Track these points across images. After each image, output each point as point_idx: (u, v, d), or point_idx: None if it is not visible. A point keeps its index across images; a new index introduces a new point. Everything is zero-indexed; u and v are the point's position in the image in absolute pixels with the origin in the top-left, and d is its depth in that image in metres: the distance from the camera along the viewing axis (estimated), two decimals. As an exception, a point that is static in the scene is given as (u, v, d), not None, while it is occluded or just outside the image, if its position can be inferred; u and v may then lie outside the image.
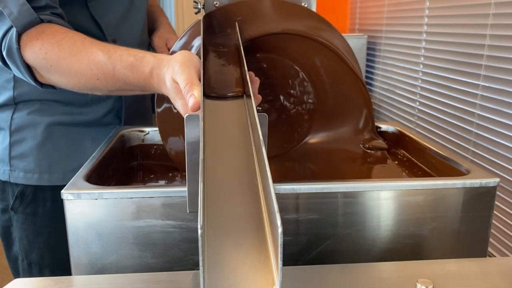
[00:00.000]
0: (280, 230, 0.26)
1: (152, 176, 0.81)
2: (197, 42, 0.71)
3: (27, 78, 0.69)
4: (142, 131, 0.84)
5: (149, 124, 0.96)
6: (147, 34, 0.98)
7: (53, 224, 0.83)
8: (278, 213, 0.27)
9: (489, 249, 0.64)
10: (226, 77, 0.56)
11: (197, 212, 0.50)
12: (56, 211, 0.82)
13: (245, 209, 0.36)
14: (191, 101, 0.50)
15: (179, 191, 0.54)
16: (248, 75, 0.53)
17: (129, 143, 0.83)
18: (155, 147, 0.85)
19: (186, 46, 0.71)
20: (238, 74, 0.57)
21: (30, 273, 0.85)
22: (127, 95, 0.81)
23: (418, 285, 0.45)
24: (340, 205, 0.58)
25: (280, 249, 0.26)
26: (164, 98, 0.73)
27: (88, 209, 0.54)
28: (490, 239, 0.64)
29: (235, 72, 0.58)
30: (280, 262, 0.26)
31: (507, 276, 0.49)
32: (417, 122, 1.61)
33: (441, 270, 0.50)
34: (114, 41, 0.82)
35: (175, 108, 0.73)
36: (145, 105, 1.01)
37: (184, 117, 0.48)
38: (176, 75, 0.55)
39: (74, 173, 0.60)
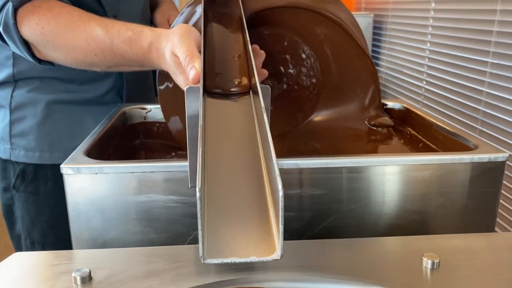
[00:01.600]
0: (281, 193, 0.25)
1: (154, 155, 0.80)
2: (198, 15, 0.70)
3: (24, 54, 0.68)
4: (144, 109, 0.83)
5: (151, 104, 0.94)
6: (149, 11, 0.96)
7: (55, 203, 0.82)
8: (279, 177, 0.26)
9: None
10: (229, 58, 0.54)
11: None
12: (57, 190, 0.82)
13: (246, 179, 0.35)
14: (192, 73, 0.49)
15: (181, 165, 0.53)
16: (252, 53, 0.51)
17: (130, 120, 0.82)
18: (157, 125, 0.83)
19: (188, 20, 0.70)
20: (242, 53, 0.55)
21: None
22: (127, 71, 0.80)
23: (424, 259, 0.44)
24: (345, 180, 0.57)
25: (281, 213, 0.25)
26: (166, 76, 0.72)
27: (89, 184, 0.53)
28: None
29: (239, 50, 0.56)
30: (281, 227, 0.25)
31: (515, 251, 0.48)
32: (424, 101, 1.58)
33: (447, 244, 0.49)
34: (115, 17, 0.81)
35: (177, 87, 0.71)
36: (147, 84, 0.99)
37: (184, 89, 0.47)
38: (175, 47, 0.53)
39: None
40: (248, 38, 0.54)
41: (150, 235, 0.55)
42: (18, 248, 0.89)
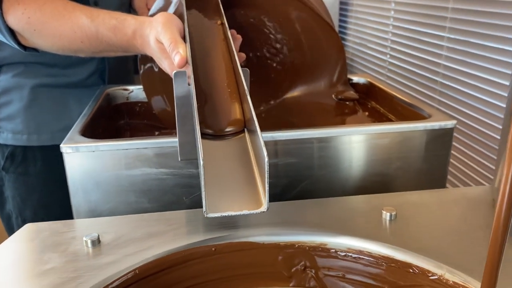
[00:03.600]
0: (266, 159, 0.31)
1: (140, 134, 0.85)
2: (176, 0, 0.74)
3: (10, 42, 0.71)
4: (126, 90, 0.88)
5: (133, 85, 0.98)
6: (127, -5, 0.99)
7: (45, 182, 0.86)
8: (264, 147, 0.33)
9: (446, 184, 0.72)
10: (216, 76, 0.53)
11: (188, 160, 0.56)
12: (46, 171, 0.86)
13: (233, 151, 0.41)
14: (177, 58, 0.54)
15: (170, 141, 0.59)
16: (234, 43, 0.56)
17: (114, 101, 0.87)
18: (139, 104, 0.88)
19: (166, 5, 0.74)
20: (228, 58, 0.55)
21: (26, 229, 0.90)
22: (111, 56, 0.84)
23: (384, 212, 0.52)
24: (315, 149, 0.64)
25: (267, 174, 0.32)
26: (147, 58, 0.76)
27: (86, 161, 0.58)
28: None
29: (221, 44, 0.59)
30: (267, 186, 0.32)
31: (461, 204, 0.57)
32: (388, 74, 1.67)
33: (404, 200, 0.57)
34: (96, 3, 0.84)
35: (157, 67, 0.76)
36: (128, 66, 1.03)
37: (172, 74, 0.52)
38: (160, 35, 0.58)
39: (62, 133, 0.64)
40: (226, 24, 0.60)
41: (145, 204, 0.61)
42: (9, 227, 0.93)
